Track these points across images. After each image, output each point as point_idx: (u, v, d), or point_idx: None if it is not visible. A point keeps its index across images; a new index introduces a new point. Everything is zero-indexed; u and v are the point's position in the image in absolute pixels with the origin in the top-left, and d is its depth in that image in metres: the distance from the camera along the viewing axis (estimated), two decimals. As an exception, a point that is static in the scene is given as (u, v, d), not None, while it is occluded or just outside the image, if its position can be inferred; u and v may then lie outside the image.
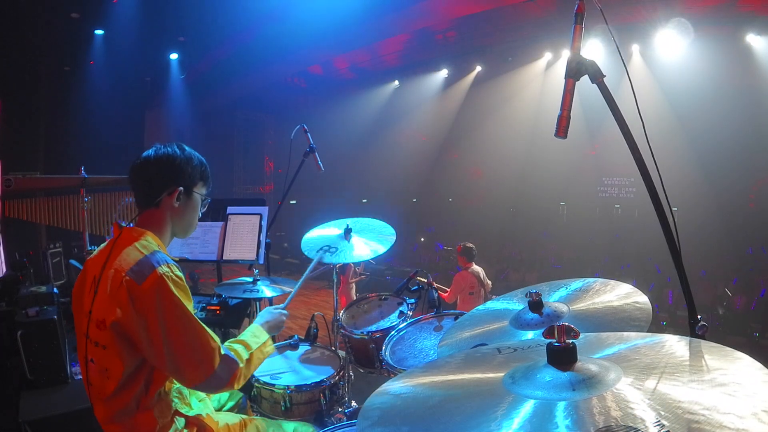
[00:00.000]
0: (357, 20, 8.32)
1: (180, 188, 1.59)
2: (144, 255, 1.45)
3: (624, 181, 11.79)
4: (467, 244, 5.58)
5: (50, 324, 2.56)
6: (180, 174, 1.60)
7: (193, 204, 1.66)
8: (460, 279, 5.50)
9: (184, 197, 1.61)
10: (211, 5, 8.20)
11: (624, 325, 1.30)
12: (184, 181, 1.61)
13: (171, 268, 1.46)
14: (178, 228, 1.67)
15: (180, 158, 1.60)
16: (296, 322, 5.74)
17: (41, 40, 7.77)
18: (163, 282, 1.41)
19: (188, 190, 1.63)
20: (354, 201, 14.77)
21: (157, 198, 1.57)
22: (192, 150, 1.66)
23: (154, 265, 1.43)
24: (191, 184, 1.63)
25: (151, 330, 1.40)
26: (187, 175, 1.61)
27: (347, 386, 2.40)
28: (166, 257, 1.49)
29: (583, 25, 1.30)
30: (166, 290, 1.41)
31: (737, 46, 8.78)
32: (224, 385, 1.53)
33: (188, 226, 1.70)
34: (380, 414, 0.88)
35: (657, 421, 0.69)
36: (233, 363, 1.53)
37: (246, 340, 1.64)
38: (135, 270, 1.42)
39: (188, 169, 1.61)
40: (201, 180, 1.67)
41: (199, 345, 1.47)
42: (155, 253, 1.47)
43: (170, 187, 1.58)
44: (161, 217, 1.60)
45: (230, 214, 3.43)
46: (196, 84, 11.60)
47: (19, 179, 4.18)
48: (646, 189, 1.27)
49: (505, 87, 12.16)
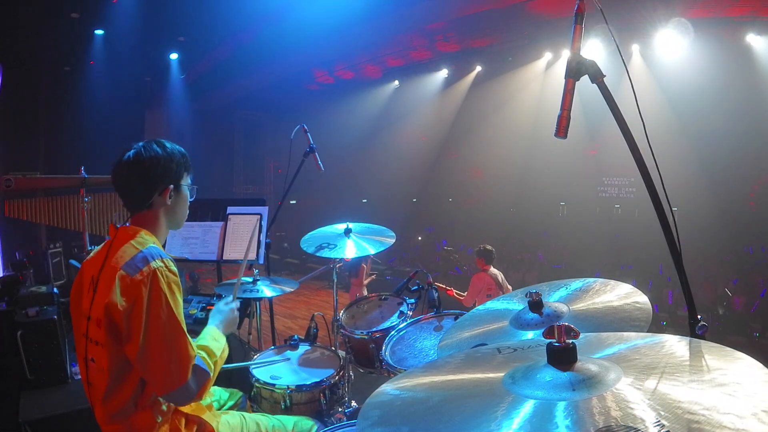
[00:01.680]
0: (357, 20, 8.32)
1: (170, 186, 1.59)
2: (139, 250, 1.46)
3: (624, 181, 11.79)
4: (486, 247, 5.50)
5: (50, 324, 2.56)
6: (167, 173, 1.58)
7: (183, 197, 1.67)
8: (477, 280, 5.41)
9: (174, 193, 1.61)
10: (211, 5, 8.19)
11: (624, 325, 1.30)
12: (172, 179, 1.60)
13: (166, 262, 1.46)
14: (173, 223, 1.67)
15: (164, 157, 1.58)
16: (296, 322, 5.74)
17: (41, 40, 7.76)
18: (156, 276, 1.41)
19: (177, 186, 1.62)
20: (354, 201, 14.77)
21: (147, 200, 1.56)
22: (172, 144, 1.64)
23: (148, 259, 1.43)
24: (179, 179, 1.63)
25: (134, 322, 1.38)
26: (174, 171, 1.60)
27: (347, 386, 2.40)
28: (161, 252, 1.49)
29: (583, 25, 1.30)
30: (156, 285, 1.40)
31: (737, 46, 8.78)
32: (192, 397, 1.46)
33: (181, 219, 1.70)
34: (380, 414, 0.88)
35: (657, 421, 0.69)
36: (204, 374, 1.47)
37: (209, 347, 1.56)
38: (129, 264, 1.43)
39: (173, 165, 1.59)
40: (186, 171, 1.66)
41: (177, 350, 1.41)
42: (150, 247, 1.47)
43: (160, 188, 1.57)
44: (155, 215, 1.59)
45: (230, 214, 3.43)
46: (196, 84, 11.60)
47: (19, 179, 4.18)
48: (646, 189, 1.26)
49: (505, 87, 12.16)
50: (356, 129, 13.91)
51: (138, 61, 9.53)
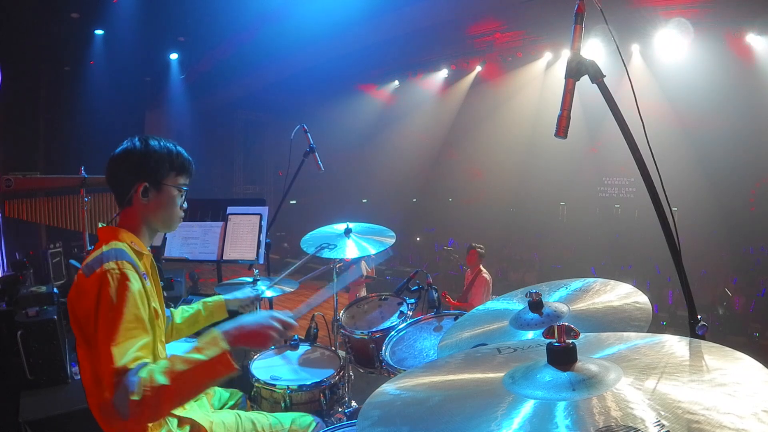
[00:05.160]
0: (357, 20, 8.32)
1: (145, 183, 1.53)
2: (102, 252, 1.42)
3: (624, 181, 11.78)
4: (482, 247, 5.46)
5: (50, 324, 2.56)
6: (141, 169, 1.53)
7: (165, 197, 1.57)
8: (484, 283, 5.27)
9: (153, 192, 1.55)
10: (211, 5, 8.19)
11: (624, 325, 1.30)
12: (147, 175, 1.53)
13: (120, 264, 1.37)
14: (157, 223, 1.60)
15: (138, 152, 1.53)
16: (296, 322, 5.74)
17: (41, 40, 7.77)
18: (105, 278, 1.34)
19: (156, 184, 1.55)
20: (354, 201, 14.76)
21: (125, 196, 1.54)
22: (161, 141, 1.57)
23: (103, 260, 1.38)
24: (158, 177, 1.55)
25: (88, 323, 1.34)
26: (149, 168, 1.53)
27: (347, 386, 2.40)
28: (124, 254, 1.42)
29: (583, 25, 1.30)
30: (105, 287, 1.33)
31: (737, 46, 8.77)
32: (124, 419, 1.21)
33: (167, 220, 1.61)
34: (380, 414, 0.88)
35: (657, 421, 0.69)
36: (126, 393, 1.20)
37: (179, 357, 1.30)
38: (88, 264, 1.40)
39: (149, 162, 1.53)
40: (172, 170, 1.58)
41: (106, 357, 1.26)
42: (112, 249, 1.42)
43: (135, 184, 1.52)
44: (134, 214, 1.56)
45: (230, 214, 3.43)
46: (196, 84, 11.59)
47: (19, 179, 4.19)
48: (646, 189, 1.26)
49: (505, 87, 12.16)
50: (356, 129, 13.91)
51: (138, 61, 9.52)
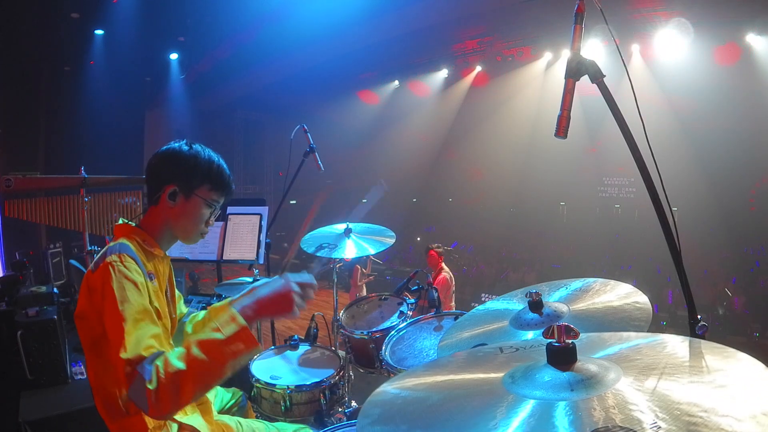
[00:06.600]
0: (357, 20, 8.31)
1: (175, 186, 1.50)
2: (108, 247, 1.42)
3: (624, 181, 11.80)
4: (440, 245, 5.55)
5: (50, 324, 2.56)
6: (175, 171, 1.50)
7: (192, 207, 1.53)
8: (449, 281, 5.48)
9: (181, 197, 1.51)
10: (211, 5, 8.20)
11: (624, 325, 1.30)
12: (180, 179, 1.50)
13: (122, 257, 1.37)
14: (177, 230, 1.56)
15: (178, 154, 1.51)
16: (296, 322, 5.73)
17: (41, 40, 7.77)
18: (107, 270, 1.34)
19: (186, 190, 1.51)
20: (353, 201, 14.77)
21: (155, 194, 1.52)
22: (205, 150, 1.54)
23: (107, 253, 1.39)
24: (192, 185, 1.51)
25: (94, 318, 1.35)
26: (185, 172, 1.50)
27: (347, 386, 2.40)
28: (127, 248, 1.41)
29: (583, 25, 1.30)
30: (107, 278, 1.33)
31: (737, 46, 8.77)
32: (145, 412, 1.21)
33: (188, 230, 1.57)
34: (380, 413, 0.88)
35: (654, 422, 0.69)
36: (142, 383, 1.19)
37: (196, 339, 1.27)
38: (95, 261, 1.41)
39: (185, 166, 1.50)
40: (207, 182, 1.53)
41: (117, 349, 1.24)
42: (117, 244, 1.42)
43: (165, 185, 1.50)
44: (158, 214, 1.53)
45: (230, 214, 3.43)
46: (196, 84, 11.59)
47: (19, 179, 4.18)
48: (646, 189, 1.26)
49: (505, 87, 12.16)
50: (356, 129, 13.92)
51: (138, 61, 9.53)
